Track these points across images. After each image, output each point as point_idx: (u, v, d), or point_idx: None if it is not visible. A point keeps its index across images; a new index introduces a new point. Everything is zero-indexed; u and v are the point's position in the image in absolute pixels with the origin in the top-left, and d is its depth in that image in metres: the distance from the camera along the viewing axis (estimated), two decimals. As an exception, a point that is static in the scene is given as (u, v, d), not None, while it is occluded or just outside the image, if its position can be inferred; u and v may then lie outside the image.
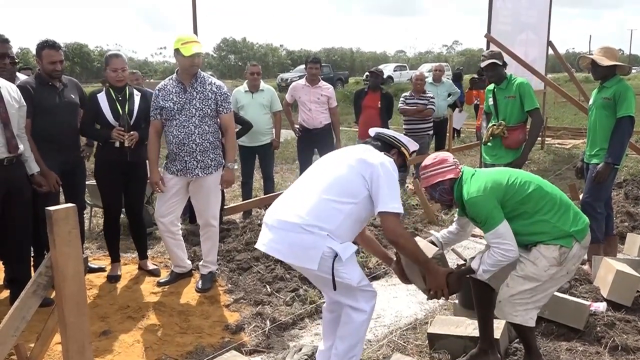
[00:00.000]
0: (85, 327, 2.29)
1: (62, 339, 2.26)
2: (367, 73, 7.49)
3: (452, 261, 4.61)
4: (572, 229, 2.68)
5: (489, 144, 4.51)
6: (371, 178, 2.53)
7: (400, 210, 2.52)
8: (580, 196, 4.38)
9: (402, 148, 2.83)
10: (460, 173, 2.82)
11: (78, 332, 2.25)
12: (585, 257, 4.34)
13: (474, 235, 5.46)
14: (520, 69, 6.95)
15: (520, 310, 2.71)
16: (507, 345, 3.13)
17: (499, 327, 3.10)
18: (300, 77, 16.24)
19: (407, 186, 7.02)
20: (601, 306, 3.44)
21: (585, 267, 4.15)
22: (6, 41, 3.83)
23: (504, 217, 2.63)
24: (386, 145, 2.81)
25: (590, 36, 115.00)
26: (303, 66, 8.31)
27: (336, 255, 2.47)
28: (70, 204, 2.20)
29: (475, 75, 7.98)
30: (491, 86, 4.71)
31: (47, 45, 3.89)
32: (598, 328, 3.20)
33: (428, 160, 2.87)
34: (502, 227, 2.60)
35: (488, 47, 7.10)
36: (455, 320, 3.29)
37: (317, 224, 2.47)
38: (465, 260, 3.65)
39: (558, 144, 11.17)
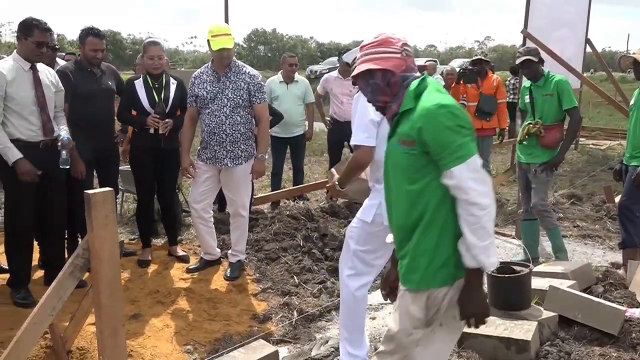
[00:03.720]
0: (118, 310, 2.33)
1: (97, 320, 2.30)
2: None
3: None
4: (456, 257, 1.80)
5: (524, 142, 4.41)
6: None
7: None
8: (617, 199, 4.28)
9: None
10: (410, 68, 1.92)
11: (112, 314, 2.28)
12: (621, 261, 4.25)
13: (500, 234, 5.39)
14: (556, 67, 6.78)
15: None
16: (538, 347, 3.07)
17: (530, 329, 3.05)
18: (330, 70, 16.19)
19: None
20: (637, 312, 3.34)
21: (621, 271, 4.05)
22: (47, 30, 3.75)
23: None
24: None
25: (629, 35, 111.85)
26: (333, 58, 8.24)
27: None
28: (108, 188, 2.24)
29: (468, 66, 7.09)
30: (527, 83, 4.60)
31: (91, 33, 3.95)
32: (633, 334, 3.11)
33: (370, 38, 1.95)
34: (478, 159, 1.77)
35: (524, 44, 6.94)
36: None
37: None
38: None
39: (592, 144, 10.92)
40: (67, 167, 3.58)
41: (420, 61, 35.29)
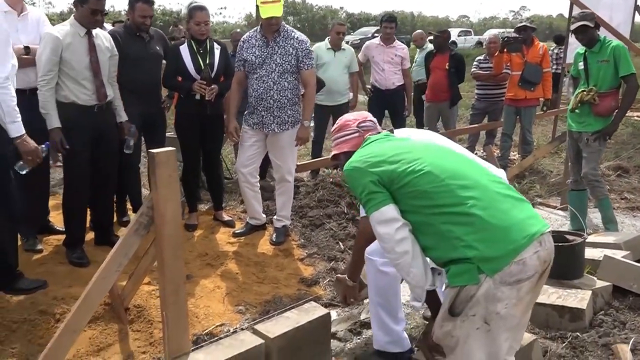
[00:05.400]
0: (180, 269, 2.37)
1: (160, 278, 2.35)
2: (430, 36, 7.14)
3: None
4: (479, 252, 1.84)
5: (576, 110, 4.29)
6: None
7: None
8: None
9: None
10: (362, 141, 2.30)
11: (174, 272, 2.33)
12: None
13: (544, 205, 5.30)
14: (605, 34, 6.52)
15: None
16: (592, 316, 3.04)
17: (584, 298, 3.02)
18: (362, 40, 15.92)
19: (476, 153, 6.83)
20: (694, 284, 3.27)
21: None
22: None
23: (389, 199, 2.00)
24: None
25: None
26: (364, 29, 8.08)
27: None
28: (170, 147, 2.26)
29: (511, 35, 6.78)
30: (582, 49, 4.45)
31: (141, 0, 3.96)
32: (691, 306, 3.05)
33: (335, 125, 2.45)
34: (379, 214, 1.98)
35: (571, 10, 6.71)
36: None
37: None
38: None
39: (637, 116, 10.55)
40: (130, 152, 3.87)
41: (453, 32, 34.42)
